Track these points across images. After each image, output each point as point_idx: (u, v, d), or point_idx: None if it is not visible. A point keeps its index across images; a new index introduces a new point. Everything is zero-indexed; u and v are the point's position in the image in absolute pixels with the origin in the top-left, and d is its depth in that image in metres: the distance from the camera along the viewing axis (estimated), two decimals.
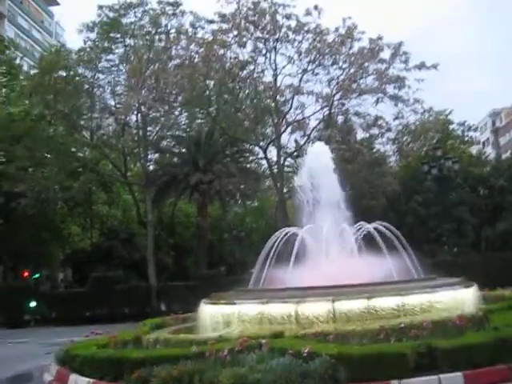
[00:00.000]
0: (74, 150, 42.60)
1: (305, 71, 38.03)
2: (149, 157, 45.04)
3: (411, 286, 12.36)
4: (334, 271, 14.10)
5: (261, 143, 40.91)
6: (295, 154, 41.19)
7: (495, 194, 44.13)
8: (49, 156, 40.39)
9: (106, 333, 14.29)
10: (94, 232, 48.36)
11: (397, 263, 14.32)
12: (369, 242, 16.19)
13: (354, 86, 37.27)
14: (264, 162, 44.10)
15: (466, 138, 56.85)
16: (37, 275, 48.35)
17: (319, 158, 17.96)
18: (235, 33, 36.75)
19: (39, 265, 48.05)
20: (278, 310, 11.85)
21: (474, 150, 59.02)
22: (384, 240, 15.13)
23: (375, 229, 15.56)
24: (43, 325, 34.95)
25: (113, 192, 48.14)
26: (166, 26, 41.03)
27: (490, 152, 79.48)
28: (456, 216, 39.29)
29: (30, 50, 66.66)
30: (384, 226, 15.65)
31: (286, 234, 16.07)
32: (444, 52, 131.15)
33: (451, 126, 54.01)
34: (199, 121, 45.93)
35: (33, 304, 36.79)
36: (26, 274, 46.34)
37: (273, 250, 15.50)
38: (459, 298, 12.42)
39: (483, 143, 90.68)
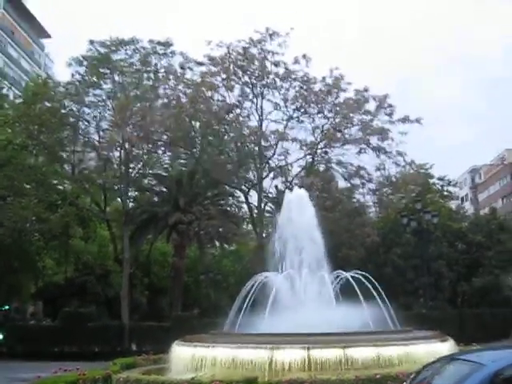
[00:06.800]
0: (54, 182, 42.28)
1: (290, 118, 38.38)
2: (129, 194, 44.79)
3: (387, 338, 12.27)
4: (310, 318, 13.98)
5: (242, 187, 40.90)
6: (276, 199, 41.19)
7: (473, 250, 44.32)
8: (28, 186, 40.03)
9: (74, 370, 13.93)
10: (68, 266, 47.61)
11: (373, 313, 14.25)
12: (346, 291, 16.12)
13: (339, 135, 37.62)
14: (244, 205, 44.10)
15: (446, 193, 57.41)
16: (6, 307, 47.34)
17: (298, 203, 18.01)
18: (223, 76, 37.11)
19: (9, 296, 47.05)
20: (252, 355, 11.65)
21: (452, 204, 59.57)
22: (361, 289, 15.08)
23: (353, 277, 15.53)
24: (9, 359, 33.92)
25: (90, 227, 47.65)
26: (156, 65, 41.53)
27: (468, 207, 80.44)
28: (434, 270, 39.34)
29: (17, 80, 66.73)
30: (362, 276, 15.62)
31: (264, 278, 15.97)
32: (428, 104, 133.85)
33: (431, 180, 54.50)
34: (182, 161, 45.97)
35: None
36: None
37: (250, 294, 15.37)
38: (435, 352, 12.31)
39: (462, 199, 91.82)
